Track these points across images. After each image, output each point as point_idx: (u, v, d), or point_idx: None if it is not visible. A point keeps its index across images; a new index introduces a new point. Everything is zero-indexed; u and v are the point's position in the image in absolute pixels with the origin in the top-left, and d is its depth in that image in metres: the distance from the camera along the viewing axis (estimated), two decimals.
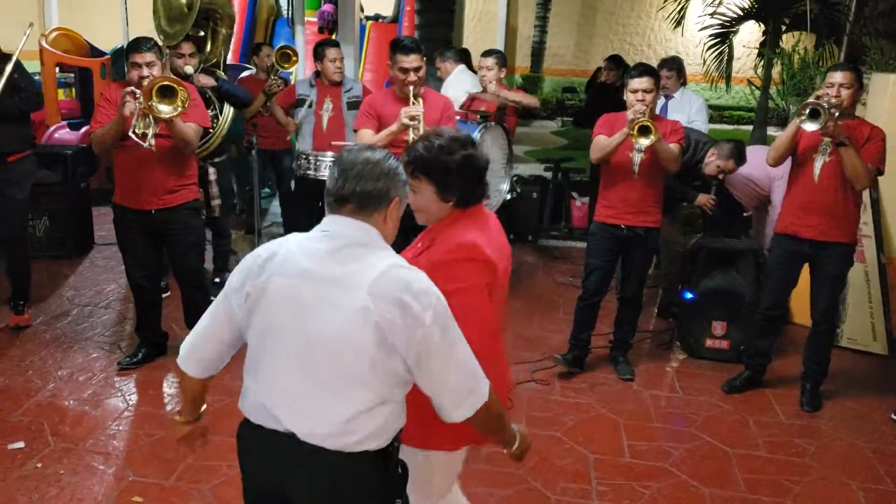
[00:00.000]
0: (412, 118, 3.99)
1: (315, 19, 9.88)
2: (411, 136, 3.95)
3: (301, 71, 7.43)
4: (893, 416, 4.09)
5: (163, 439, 3.64)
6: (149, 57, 3.94)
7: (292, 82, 6.45)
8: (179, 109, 3.81)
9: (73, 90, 9.34)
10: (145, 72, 3.91)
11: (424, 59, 4.14)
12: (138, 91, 3.83)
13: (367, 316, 1.73)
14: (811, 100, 3.85)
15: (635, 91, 4.10)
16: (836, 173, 3.91)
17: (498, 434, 2.10)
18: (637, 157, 4.19)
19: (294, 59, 6.18)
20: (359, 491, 1.84)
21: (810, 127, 3.77)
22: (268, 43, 11.20)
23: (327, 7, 9.81)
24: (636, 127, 3.97)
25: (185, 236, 4.23)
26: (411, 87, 4.07)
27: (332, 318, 1.76)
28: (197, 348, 2.06)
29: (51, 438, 3.59)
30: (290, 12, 9.31)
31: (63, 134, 7.83)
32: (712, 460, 3.66)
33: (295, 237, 1.92)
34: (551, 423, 3.94)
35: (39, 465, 3.38)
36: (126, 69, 4.01)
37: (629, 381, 4.45)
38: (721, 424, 4.00)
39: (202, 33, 5.02)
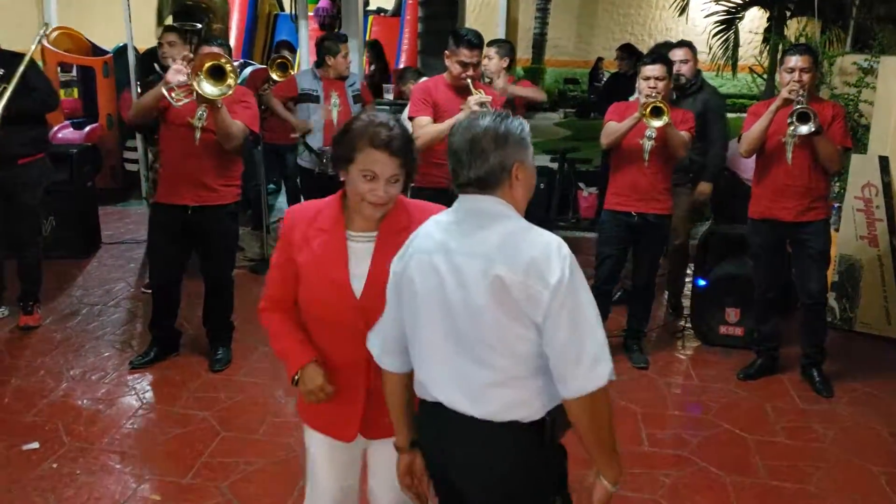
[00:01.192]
0: (482, 104, 3.86)
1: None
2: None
3: (304, 63, 7.38)
4: None
5: (178, 436, 3.63)
6: (216, 51, 3.87)
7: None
8: (224, 92, 3.71)
9: (76, 89, 9.36)
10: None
11: (490, 46, 4.17)
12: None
13: (500, 283, 1.71)
14: (796, 105, 3.86)
15: (647, 78, 4.07)
16: (808, 155, 3.96)
17: (602, 444, 1.87)
18: (647, 144, 4.16)
19: (290, 70, 6.10)
20: (514, 463, 1.82)
21: (802, 130, 3.82)
22: (269, 39, 11.24)
23: (324, 3, 9.79)
24: (649, 108, 3.94)
25: (219, 241, 4.19)
26: (469, 80, 4.04)
27: (468, 286, 1.76)
28: (396, 340, 1.94)
29: (65, 438, 3.57)
30: (293, 8, 9.26)
31: (67, 133, 7.82)
32: (732, 447, 3.64)
33: (432, 217, 1.94)
34: None
35: (55, 465, 3.36)
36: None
37: (644, 369, 4.43)
38: (738, 411, 3.98)
39: (198, 26, 4.98)
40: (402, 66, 10.21)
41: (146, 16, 5.75)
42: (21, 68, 4.38)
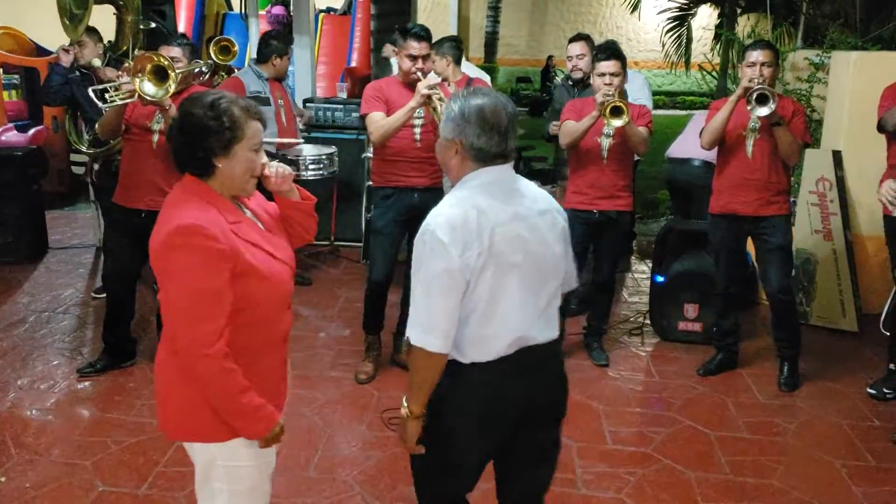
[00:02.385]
0: (431, 87, 3.78)
1: (265, 13, 9.72)
2: (438, 107, 3.75)
3: (242, 62, 7.24)
4: (869, 391, 4.14)
5: (132, 446, 3.51)
6: (175, 52, 3.91)
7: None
8: (161, 94, 3.62)
9: (19, 91, 9.05)
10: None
11: (432, 47, 4.09)
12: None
13: (562, 227, 2.17)
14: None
15: (602, 74, 4.07)
16: (768, 148, 4.00)
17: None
18: (606, 142, 4.17)
19: (233, 50, 5.98)
20: (562, 372, 2.27)
21: (762, 112, 3.81)
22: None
23: (277, 9, 9.66)
24: (608, 108, 3.94)
25: None
26: (419, 74, 3.95)
27: (547, 239, 2.10)
28: (449, 325, 1.99)
29: (14, 450, 3.43)
30: (242, 7, 9.12)
31: (11, 136, 7.53)
32: (694, 443, 3.65)
33: (471, 199, 2.01)
34: None
35: (3, 478, 3.22)
36: None
37: (604, 366, 4.43)
38: (700, 407, 4.00)
39: (90, 25, 4.81)
40: (353, 64, 10.11)
41: (93, 15, 5.55)
42: None
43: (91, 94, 3.80)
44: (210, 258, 1.87)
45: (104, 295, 4.58)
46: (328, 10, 11.77)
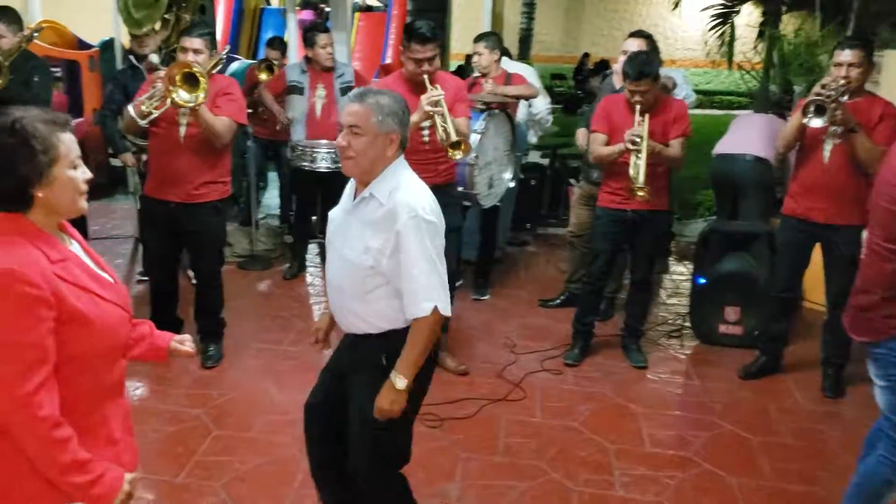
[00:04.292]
0: (435, 104, 3.71)
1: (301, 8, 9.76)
2: (438, 122, 3.72)
3: (292, 57, 7.30)
4: None
5: (170, 435, 3.54)
6: (197, 43, 3.84)
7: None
8: (198, 100, 3.65)
9: (61, 84, 9.18)
10: (190, 57, 3.78)
11: (439, 46, 3.93)
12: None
13: None
14: (813, 95, 3.72)
15: (633, 93, 3.98)
16: (846, 155, 3.80)
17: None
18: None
19: (276, 70, 6.03)
20: None
21: (817, 123, 3.67)
22: (255, 33, 11.09)
23: (306, 14, 9.70)
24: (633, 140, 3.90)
25: (204, 236, 4.11)
26: (426, 77, 3.80)
27: None
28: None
29: None
30: (282, 1, 9.17)
31: None
32: (736, 448, 3.58)
33: (418, 181, 2.42)
34: (567, 413, 3.86)
35: None
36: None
37: (643, 368, 4.37)
38: (741, 412, 3.93)
39: (166, 17, 4.86)
40: (388, 61, 10.11)
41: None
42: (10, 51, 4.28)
43: (131, 109, 3.80)
44: (28, 307, 1.60)
45: (147, 278, 4.64)
46: (367, 8, 11.81)
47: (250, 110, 6.17)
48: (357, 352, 2.46)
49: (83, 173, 1.74)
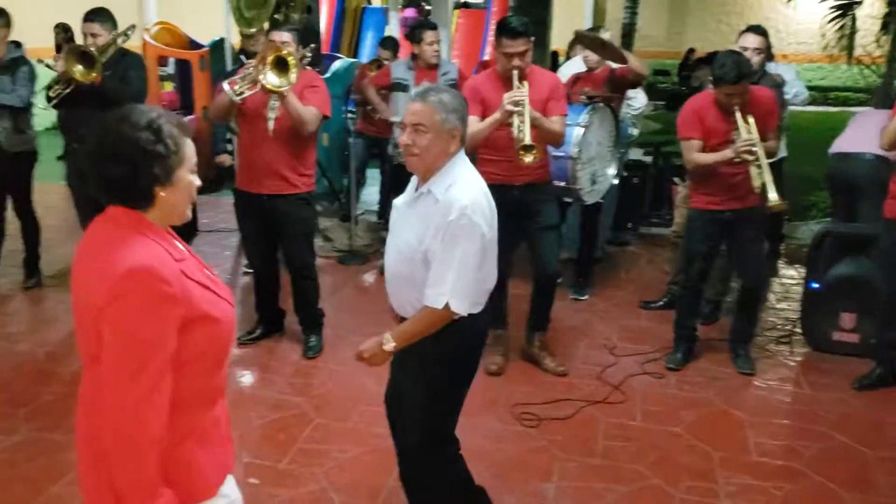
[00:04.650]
0: (516, 104, 3.70)
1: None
2: (516, 123, 3.70)
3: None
4: None
5: (274, 421, 3.65)
6: (286, 36, 4.06)
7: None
8: (286, 85, 3.81)
9: (171, 82, 9.59)
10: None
11: (532, 40, 3.88)
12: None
13: None
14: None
15: (729, 95, 3.82)
16: None
17: None
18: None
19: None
20: None
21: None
22: (357, 32, 11.29)
23: (409, 12, 9.77)
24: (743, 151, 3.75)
25: (294, 225, 4.22)
26: (516, 73, 3.80)
27: None
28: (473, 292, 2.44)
29: None
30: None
31: None
32: (849, 462, 3.40)
33: (477, 179, 2.46)
34: (669, 418, 3.75)
35: None
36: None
37: (749, 375, 4.20)
38: (855, 424, 3.72)
39: (276, 16, 4.98)
40: (487, 58, 10.10)
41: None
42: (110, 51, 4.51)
43: (225, 85, 3.95)
44: (160, 305, 1.60)
45: (252, 270, 4.80)
46: (465, 5, 11.83)
47: (360, 108, 6.31)
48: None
49: (197, 180, 1.76)
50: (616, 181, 5.00)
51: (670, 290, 5.07)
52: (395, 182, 6.04)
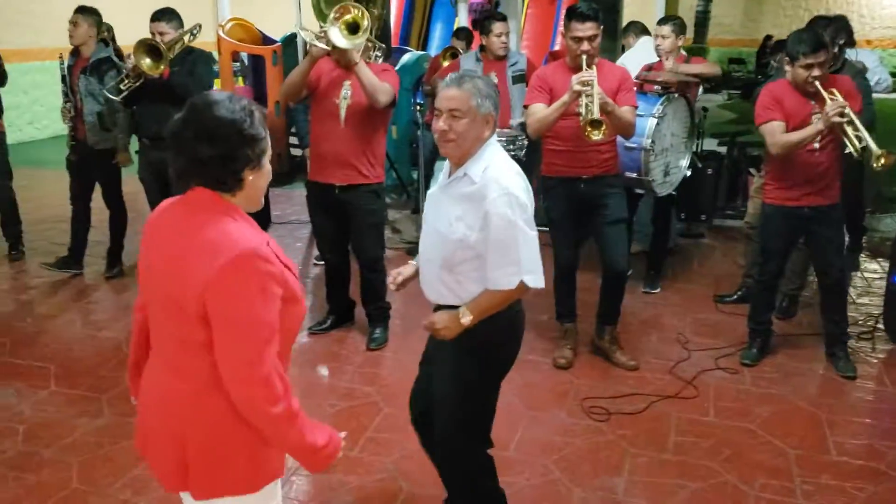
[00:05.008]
0: (584, 83, 3.66)
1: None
2: (584, 104, 3.67)
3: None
4: None
5: (344, 410, 3.71)
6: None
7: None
8: (356, 42, 3.86)
9: (242, 77, 9.79)
10: None
11: (601, 27, 3.85)
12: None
13: None
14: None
15: (810, 66, 3.66)
16: None
17: None
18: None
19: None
20: None
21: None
22: (426, 25, 11.33)
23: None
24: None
25: (364, 217, 4.26)
26: (584, 57, 3.78)
27: None
28: None
29: None
30: None
31: None
32: None
33: (510, 161, 2.42)
34: (744, 414, 3.67)
35: None
36: None
37: (851, 378, 3.99)
38: None
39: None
40: (557, 48, 9.99)
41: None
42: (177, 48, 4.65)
43: (302, 33, 4.00)
44: (270, 285, 1.68)
45: (323, 262, 4.87)
46: None
47: (429, 100, 6.33)
48: None
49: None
50: (689, 172, 4.89)
51: (745, 284, 4.94)
52: None
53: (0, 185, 5.67)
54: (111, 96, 4.79)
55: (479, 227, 2.33)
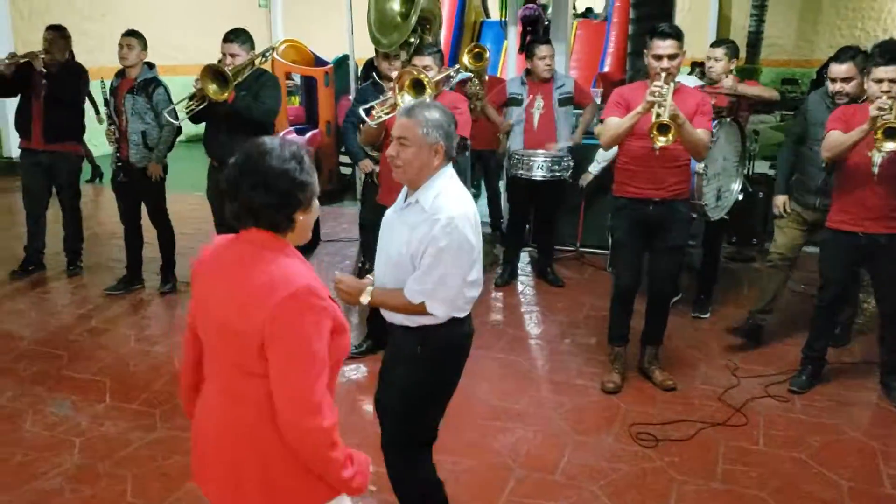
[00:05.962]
0: (656, 94, 3.68)
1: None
2: (655, 109, 3.68)
3: (512, 70, 7.44)
4: None
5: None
6: (427, 60, 4.20)
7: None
8: (426, 95, 3.93)
9: (297, 98, 9.99)
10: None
11: (683, 49, 3.88)
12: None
13: None
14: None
15: (880, 81, 3.63)
16: None
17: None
18: (878, 158, 3.70)
19: (486, 57, 6.09)
20: None
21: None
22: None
23: (527, 9, 9.76)
24: (881, 129, 3.51)
25: None
26: (663, 75, 3.80)
27: None
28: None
29: None
30: (502, 14, 9.34)
31: (290, 139, 8.33)
32: None
33: (465, 194, 2.50)
34: (795, 443, 3.60)
35: None
36: None
37: None
38: None
39: (412, 40, 5.09)
40: (606, 69, 9.99)
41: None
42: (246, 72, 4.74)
43: (361, 112, 4.11)
44: (323, 320, 1.77)
45: None
46: (586, 14, 11.76)
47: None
48: (396, 343, 2.68)
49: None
50: (740, 197, 4.84)
51: (755, 319, 4.66)
52: (509, 194, 6.06)
53: (70, 205, 5.86)
54: (171, 119, 4.93)
55: (424, 252, 2.42)
